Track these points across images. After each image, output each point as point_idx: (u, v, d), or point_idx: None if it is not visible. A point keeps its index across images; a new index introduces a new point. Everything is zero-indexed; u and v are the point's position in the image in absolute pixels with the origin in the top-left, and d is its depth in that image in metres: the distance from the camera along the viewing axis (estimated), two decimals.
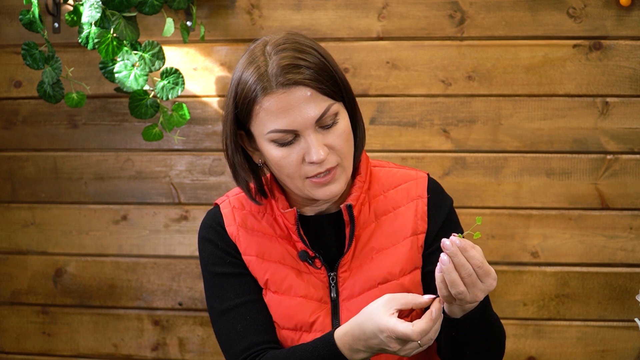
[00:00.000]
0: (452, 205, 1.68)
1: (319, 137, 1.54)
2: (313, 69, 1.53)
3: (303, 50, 1.55)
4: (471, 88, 2.44)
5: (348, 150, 1.58)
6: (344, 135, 1.56)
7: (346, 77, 1.62)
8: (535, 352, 2.48)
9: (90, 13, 2.22)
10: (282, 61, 1.52)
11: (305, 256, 1.62)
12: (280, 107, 1.52)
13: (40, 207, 2.64)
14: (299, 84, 1.52)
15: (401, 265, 1.61)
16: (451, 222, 1.66)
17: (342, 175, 1.58)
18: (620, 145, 2.41)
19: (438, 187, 1.68)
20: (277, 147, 1.55)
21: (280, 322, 1.63)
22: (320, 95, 1.53)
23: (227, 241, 1.66)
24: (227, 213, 1.67)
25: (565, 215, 2.44)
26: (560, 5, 2.39)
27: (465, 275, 1.43)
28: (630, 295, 2.43)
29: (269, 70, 1.52)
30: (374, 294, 1.59)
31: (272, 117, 1.53)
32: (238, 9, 2.51)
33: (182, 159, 2.58)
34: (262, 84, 1.52)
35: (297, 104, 1.52)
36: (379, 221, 1.64)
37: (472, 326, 1.51)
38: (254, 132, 1.57)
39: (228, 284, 1.65)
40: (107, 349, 2.64)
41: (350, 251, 1.62)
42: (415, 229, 1.63)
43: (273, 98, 1.52)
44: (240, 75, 1.56)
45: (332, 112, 1.54)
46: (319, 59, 1.55)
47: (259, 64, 1.54)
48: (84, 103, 2.39)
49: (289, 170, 1.56)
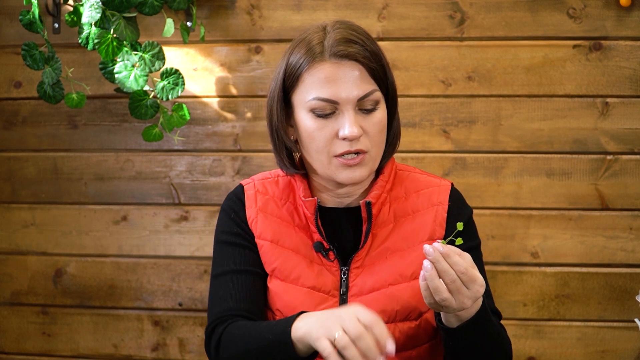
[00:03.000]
0: (472, 215, 1.69)
1: (357, 116, 1.57)
2: (367, 49, 1.58)
3: (360, 32, 1.60)
4: (471, 88, 2.44)
5: (380, 141, 1.60)
6: (380, 125, 1.59)
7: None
8: (535, 353, 2.48)
9: (90, 13, 2.22)
10: (339, 35, 1.57)
11: (320, 247, 1.63)
12: (329, 76, 1.56)
13: (40, 207, 2.64)
14: (352, 59, 1.56)
15: (414, 268, 1.60)
16: (469, 231, 1.66)
17: (369, 163, 1.60)
18: (620, 145, 2.41)
19: (460, 196, 1.70)
20: (314, 117, 1.58)
21: (283, 310, 1.63)
22: (368, 76, 1.57)
23: (241, 215, 1.68)
24: (250, 195, 1.69)
25: (565, 216, 2.44)
26: (560, 5, 2.39)
27: (449, 281, 1.42)
28: (630, 295, 2.43)
29: (326, 41, 1.57)
30: (383, 293, 1.60)
31: (318, 85, 1.56)
32: (238, 10, 2.51)
33: (182, 159, 2.58)
34: (316, 53, 1.57)
35: (345, 77, 1.56)
36: (397, 222, 1.65)
37: (469, 336, 1.50)
38: (295, 100, 1.60)
39: (227, 251, 1.67)
40: (107, 349, 2.64)
41: (365, 248, 1.62)
42: (433, 234, 1.63)
43: (323, 66, 1.56)
44: (293, 49, 1.61)
45: (374, 98, 1.58)
46: (374, 45, 1.60)
47: (314, 38, 1.59)
48: (84, 103, 2.39)
49: (319, 144, 1.58)
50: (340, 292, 1.62)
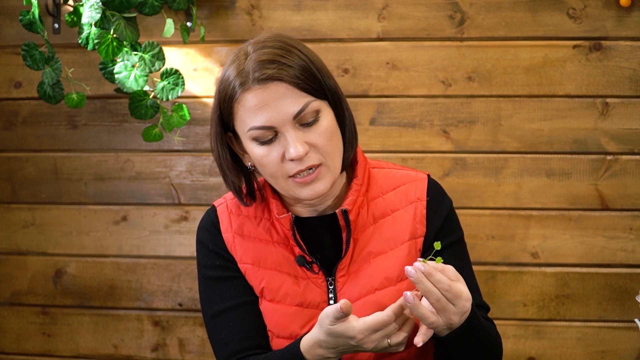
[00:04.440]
0: (452, 206, 1.66)
1: (298, 134, 1.52)
2: (291, 65, 1.51)
3: (282, 48, 1.53)
4: (471, 89, 2.44)
5: (332, 149, 1.55)
6: (327, 134, 1.54)
7: (346, 77, 1.62)
8: (535, 353, 2.48)
9: (90, 14, 2.22)
10: (260, 57, 1.51)
11: (303, 261, 1.60)
12: (257, 103, 1.51)
13: (40, 207, 2.64)
14: (275, 79, 1.50)
15: (399, 271, 1.58)
16: (450, 224, 1.64)
17: (327, 175, 1.55)
18: (620, 145, 2.41)
19: (438, 188, 1.66)
20: (258, 145, 1.54)
21: (275, 330, 1.62)
22: (298, 91, 1.51)
23: (219, 243, 1.65)
24: (224, 218, 1.66)
25: (565, 216, 2.44)
26: (560, 6, 2.39)
27: (434, 300, 1.40)
28: (630, 296, 2.43)
29: (246, 66, 1.51)
30: (371, 299, 1.58)
31: (250, 114, 1.52)
32: (238, 10, 2.51)
33: (182, 159, 2.58)
34: (240, 81, 1.51)
35: (274, 99, 1.51)
36: (377, 224, 1.62)
37: (459, 343, 1.48)
38: (238, 131, 1.56)
39: (216, 287, 1.65)
40: (107, 349, 2.64)
41: (348, 255, 1.60)
42: (414, 232, 1.61)
43: (250, 94, 1.51)
44: (223, 74, 1.56)
45: (312, 109, 1.52)
46: (300, 56, 1.53)
47: (239, 61, 1.53)
48: (84, 104, 2.39)
49: (271, 170, 1.55)
50: (329, 303, 1.60)
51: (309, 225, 1.63)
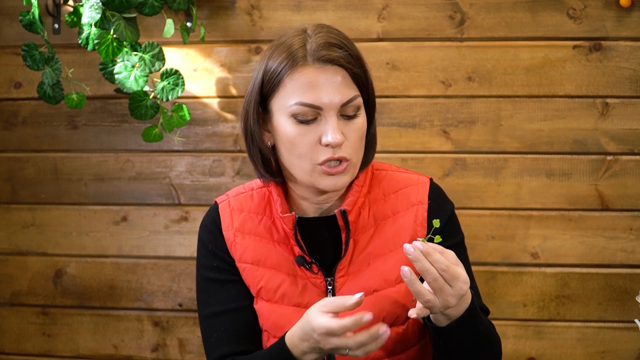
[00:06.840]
0: (453, 211, 1.66)
1: (339, 123, 1.54)
2: (351, 54, 1.55)
3: (342, 37, 1.57)
4: (471, 89, 2.44)
5: (359, 148, 1.58)
6: (360, 132, 1.57)
7: None
8: (536, 353, 2.48)
9: (90, 14, 2.22)
10: (322, 39, 1.54)
11: (302, 261, 1.60)
12: (312, 81, 1.53)
13: (40, 208, 2.64)
14: (335, 64, 1.53)
15: (398, 273, 1.57)
16: (451, 228, 1.64)
17: (350, 171, 1.57)
18: (620, 146, 2.41)
19: (440, 192, 1.66)
20: (295, 123, 1.55)
21: (271, 330, 1.62)
22: (351, 81, 1.55)
23: (219, 244, 1.65)
24: (226, 215, 1.67)
25: (565, 216, 2.44)
26: (560, 6, 2.39)
27: (431, 280, 1.40)
28: (630, 296, 2.43)
29: (308, 45, 1.54)
30: (370, 301, 1.57)
31: (300, 90, 1.53)
32: (238, 10, 2.51)
33: (182, 160, 2.58)
34: (298, 57, 1.53)
35: (329, 82, 1.53)
36: (378, 226, 1.62)
37: (458, 335, 1.48)
38: (275, 106, 1.57)
39: (211, 289, 1.65)
40: (107, 350, 2.64)
41: (347, 255, 1.60)
42: (414, 235, 1.61)
43: (306, 70, 1.53)
44: (272, 53, 1.57)
45: (357, 103, 1.56)
46: (356, 49, 1.58)
47: (295, 41, 1.55)
48: (84, 104, 2.39)
49: (301, 150, 1.55)
50: None
51: (310, 225, 1.64)
